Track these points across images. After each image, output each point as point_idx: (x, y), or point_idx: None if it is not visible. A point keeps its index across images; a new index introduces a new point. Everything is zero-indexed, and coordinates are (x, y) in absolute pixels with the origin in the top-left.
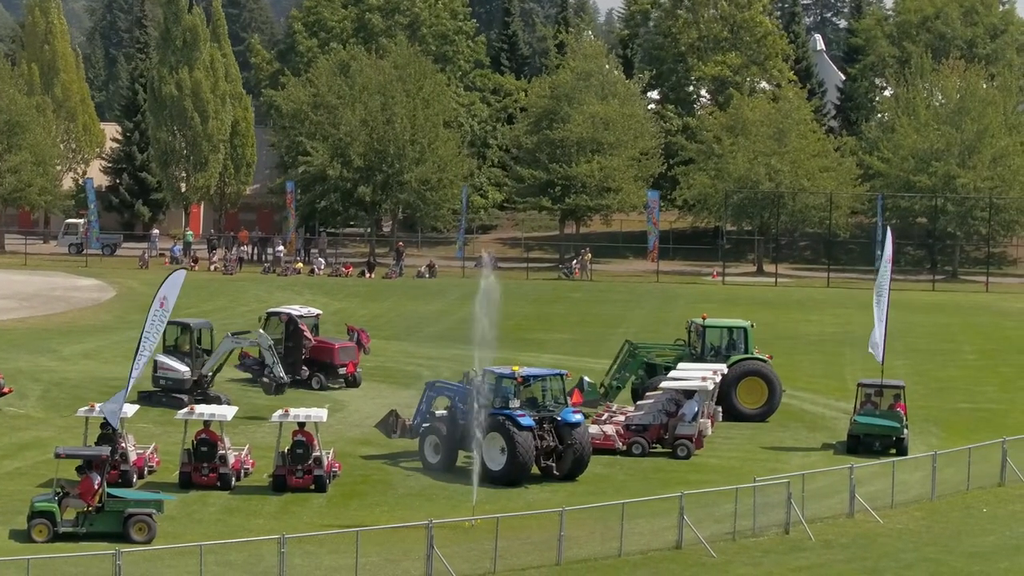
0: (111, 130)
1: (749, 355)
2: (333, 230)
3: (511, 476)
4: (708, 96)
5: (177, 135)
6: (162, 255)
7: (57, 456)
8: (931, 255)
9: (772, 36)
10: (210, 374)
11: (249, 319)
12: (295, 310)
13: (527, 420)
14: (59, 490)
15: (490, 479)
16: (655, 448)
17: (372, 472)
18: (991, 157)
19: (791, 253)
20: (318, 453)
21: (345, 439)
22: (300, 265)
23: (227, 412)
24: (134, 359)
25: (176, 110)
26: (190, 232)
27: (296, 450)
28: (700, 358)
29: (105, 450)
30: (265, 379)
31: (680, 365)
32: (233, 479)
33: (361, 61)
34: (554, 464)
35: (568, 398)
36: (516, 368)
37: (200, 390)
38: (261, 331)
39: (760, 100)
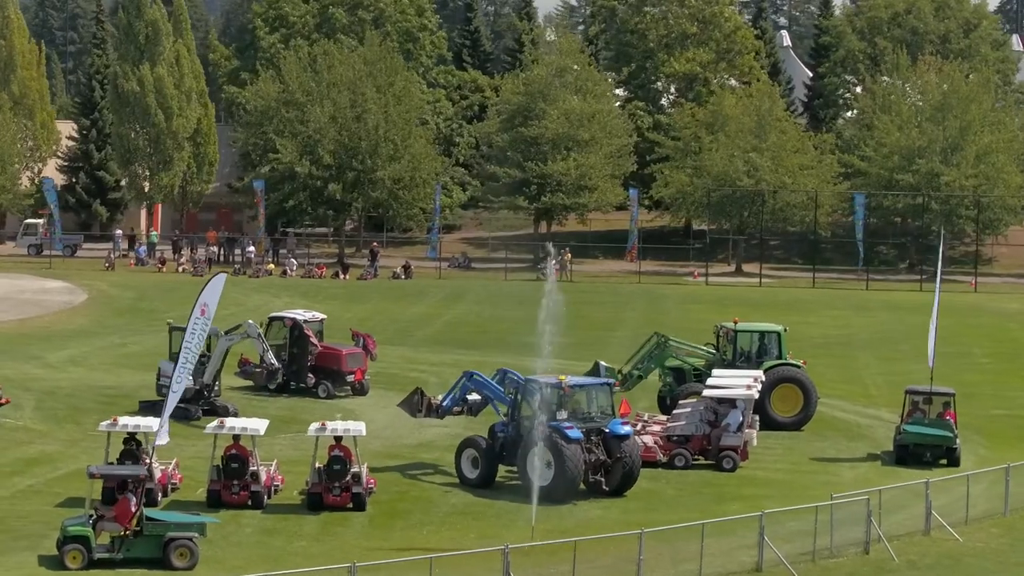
0: (66, 128)
1: (783, 361)
2: (295, 230)
3: (558, 492)
4: (675, 93)
5: (139, 132)
6: (124, 256)
7: (91, 476)
8: (909, 255)
9: (742, 31)
10: (213, 382)
11: (231, 322)
12: (299, 314)
13: (575, 432)
14: (93, 513)
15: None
16: (697, 460)
17: (407, 488)
18: (975, 154)
19: (766, 253)
20: (357, 469)
21: (368, 452)
22: (271, 266)
23: (259, 426)
24: (174, 371)
25: (139, 107)
26: (155, 232)
27: (333, 466)
28: (731, 364)
29: (142, 470)
30: (257, 369)
31: (715, 372)
32: (265, 497)
33: (332, 56)
34: (603, 479)
35: (616, 409)
36: (563, 377)
37: (204, 399)
38: (249, 321)
39: (741, 93)
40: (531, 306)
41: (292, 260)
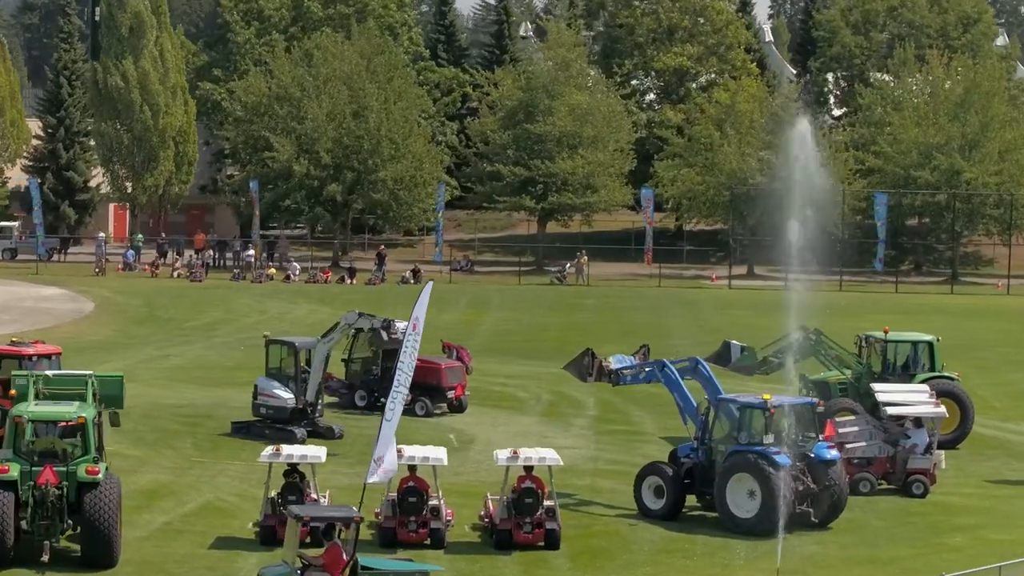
0: (32, 126)
1: (937, 373)
2: (276, 232)
3: (764, 525)
4: (656, 91)
5: (120, 130)
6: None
7: (297, 519)
8: (917, 255)
9: (734, 24)
10: (317, 398)
11: (258, 331)
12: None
13: (783, 458)
14: (298, 561)
15: (736, 528)
16: (880, 484)
17: (590, 522)
18: (998, 151)
19: (762, 255)
20: (551, 503)
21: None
22: (273, 271)
23: (441, 455)
24: (388, 395)
25: (123, 103)
26: (140, 236)
27: (525, 499)
28: (882, 377)
29: (352, 511)
30: (374, 324)
31: (877, 386)
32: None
33: (326, 50)
34: (811, 509)
35: (820, 431)
36: (767, 396)
37: (308, 419)
38: (344, 314)
39: (735, 88)
40: (567, 312)
41: (295, 264)
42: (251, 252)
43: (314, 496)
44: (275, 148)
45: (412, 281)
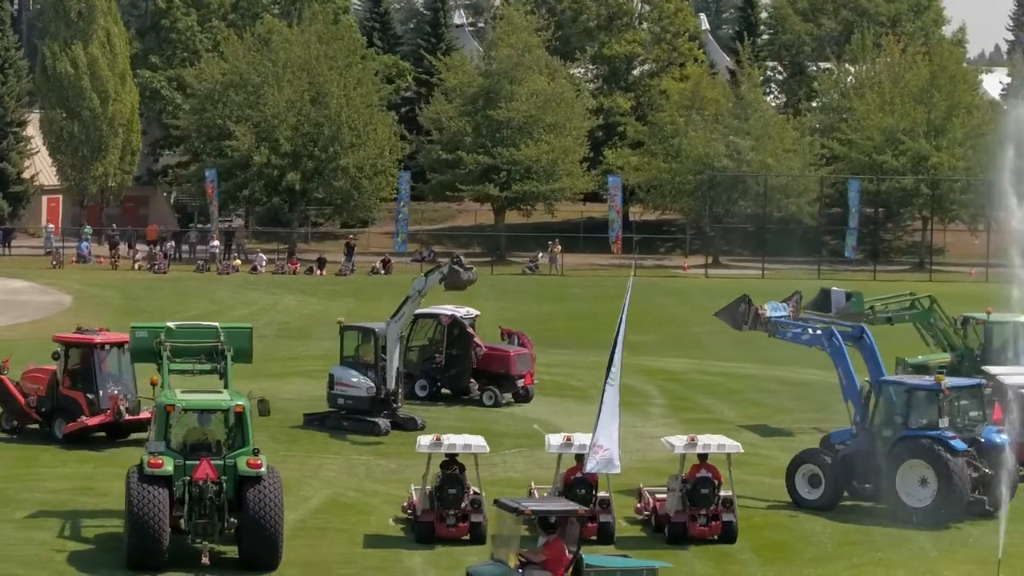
0: None
1: None
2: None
3: (940, 514)
4: (603, 78)
5: (68, 119)
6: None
7: (518, 513)
8: (874, 243)
9: (682, 12)
10: (397, 386)
11: (257, 322)
12: (456, 311)
13: (960, 444)
14: (513, 559)
15: (908, 518)
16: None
17: (744, 514)
18: (963, 136)
19: (713, 244)
20: (728, 494)
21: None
22: (238, 262)
23: None
24: (606, 379)
25: (72, 91)
26: (89, 228)
27: (700, 490)
28: (983, 359)
29: (573, 504)
30: (443, 270)
31: (993, 369)
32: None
33: (281, 34)
34: (985, 496)
35: (989, 414)
36: (940, 378)
37: (390, 410)
38: (413, 282)
39: (702, 73)
40: (561, 301)
41: (261, 256)
42: (216, 243)
43: (475, 489)
44: (235, 136)
45: (382, 271)
